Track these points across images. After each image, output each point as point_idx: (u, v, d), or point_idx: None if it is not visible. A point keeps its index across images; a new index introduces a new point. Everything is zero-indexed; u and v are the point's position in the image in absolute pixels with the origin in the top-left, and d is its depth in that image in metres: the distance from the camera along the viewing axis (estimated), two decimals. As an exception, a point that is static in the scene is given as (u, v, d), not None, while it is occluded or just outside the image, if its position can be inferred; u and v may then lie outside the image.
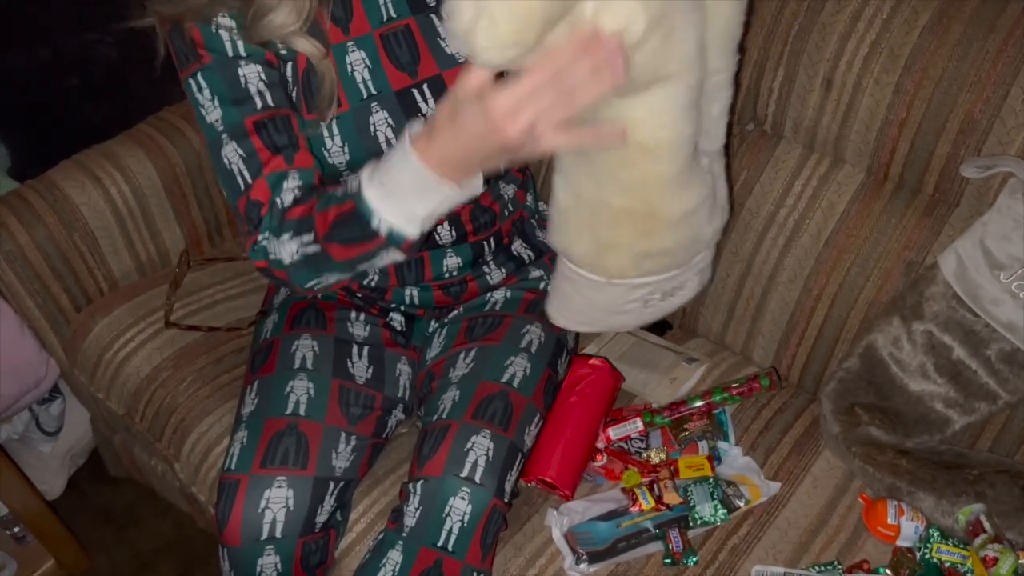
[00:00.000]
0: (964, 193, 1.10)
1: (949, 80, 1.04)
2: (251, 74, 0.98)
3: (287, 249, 0.94)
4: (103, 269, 1.41)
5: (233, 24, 0.96)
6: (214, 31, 0.96)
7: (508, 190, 1.21)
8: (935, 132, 1.07)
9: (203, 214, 1.49)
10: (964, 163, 1.05)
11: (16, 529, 1.54)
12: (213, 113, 0.97)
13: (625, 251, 0.99)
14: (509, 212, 1.21)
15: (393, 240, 0.88)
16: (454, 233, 1.16)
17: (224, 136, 0.97)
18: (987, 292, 1.01)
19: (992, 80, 1.02)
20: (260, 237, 0.96)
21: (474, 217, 1.17)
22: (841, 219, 1.18)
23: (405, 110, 1.05)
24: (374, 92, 1.04)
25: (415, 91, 1.05)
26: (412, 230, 0.88)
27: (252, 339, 1.24)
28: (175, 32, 0.97)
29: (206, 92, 0.97)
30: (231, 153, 0.97)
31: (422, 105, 1.05)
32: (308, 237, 0.92)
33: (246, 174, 0.96)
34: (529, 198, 1.28)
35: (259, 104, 0.97)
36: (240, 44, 0.97)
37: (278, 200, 0.95)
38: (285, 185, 0.96)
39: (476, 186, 0.87)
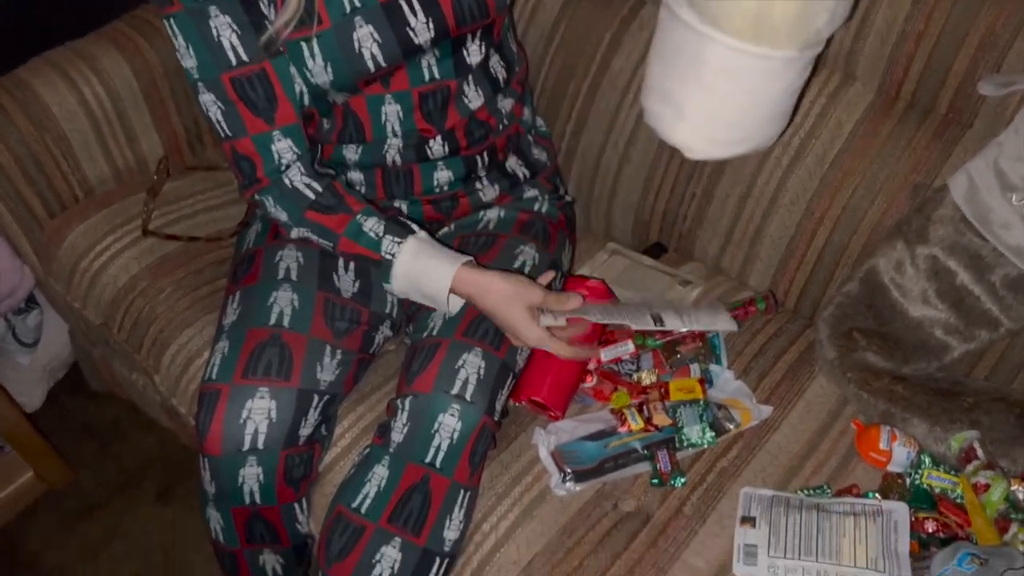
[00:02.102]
0: (979, 113, 1.06)
1: (971, -9, 0.99)
2: (222, 26, 0.95)
3: (299, 233, 1.05)
4: (78, 175, 1.35)
5: None
6: None
7: (505, 104, 1.16)
8: (954, 46, 1.02)
9: (183, 120, 1.43)
10: (982, 80, 1.01)
11: (-7, 440, 1.52)
12: (188, 60, 0.97)
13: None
14: (504, 127, 1.16)
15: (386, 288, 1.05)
16: (447, 147, 1.11)
17: (200, 85, 0.98)
18: (998, 215, 0.97)
19: (1016, -8, 0.97)
20: (259, 196, 1.04)
21: (469, 131, 1.12)
22: (848, 139, 1.14)
23: (392, 24, 0.98)
24: (358, 5, 0.97)
25: (403, 2, 0.98)
26: (398, 296, 1.08)
27: (234, 250, 1.20)
28: None
29: (180, 39, 0.96)
30: (210, 103, 0.98)
31: (410, 18, 0.99)
32: (327, 243, 1.04)
33: (225, 126, 0.99)
34: (527, 113, 1.23)
35: (233, 60, 0.96)
36: None
37: (285, 180, 1.02)
38: (273, 147, 1.00)
39: (456, 307, 1.03)
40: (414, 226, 1.04)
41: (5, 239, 1.40)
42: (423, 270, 1.00)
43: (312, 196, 1.02)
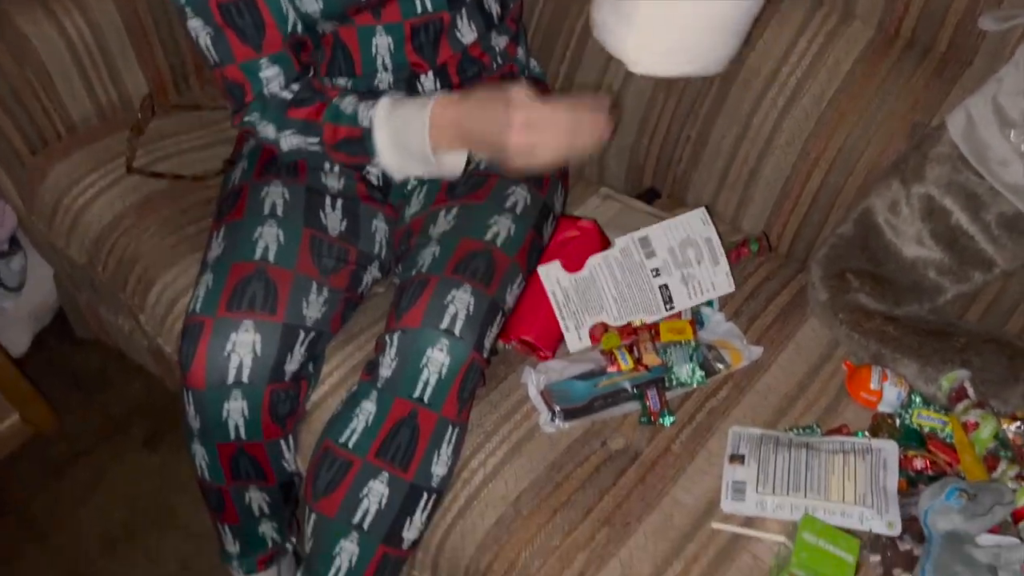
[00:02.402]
0: (979, 51, 1.04)
1: (975, -78, 0.97)
2: None
3: (288, 141, 1.02)
4: (60, 111, 1.32)
5: None
6: None
7: (500, 41, 1.13)
8: (955, -21, 1.00)
9: (168, 59, 1.40)
10: (983, 14, 0.99)
11: (-22, 384, 1.50)
12: None
13: None
14: (498, 65, 1.14)
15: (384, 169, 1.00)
16: (438, 84, 1.09)
17: (188, 9, 0.96)
18: (995, 152, 0.96)
19: (1021, -77, 0.95)
20: (247, 117, 1.02)
21: (462, 68, 1.09)
22: (846, 79, 1.12)
23: None
24: None
25: None
26: (399, 177, 1.03)
27: (220, 188, 1.18)
28: None
29: None
30: (198, 28, 0.97)
31: None
32: (314, 140, 1.00)
33: (214, 52, 0.98)
34: (520, 52, 1.20)
35: None
36: None
37: (266, 92, 1.00)
38: (262, 74, 0.98)
39: (458, 166, 0.98)
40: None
41: (-15, 176, 1.37)
42: (402, 120, 0.96)
43: (290, 96, 1.01)
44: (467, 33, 1.08)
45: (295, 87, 1.01)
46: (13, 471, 1.53)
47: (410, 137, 0.95)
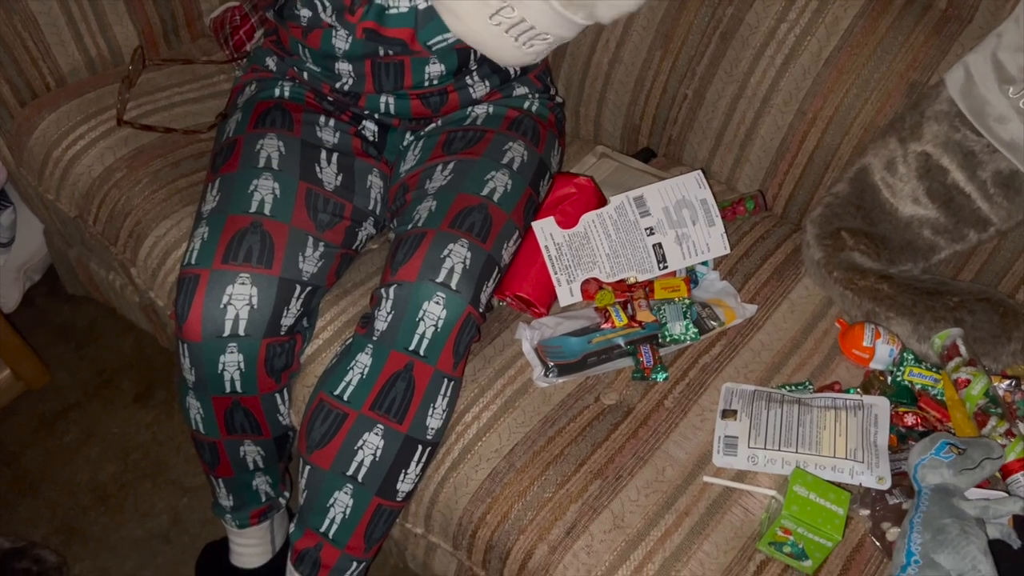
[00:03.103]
0: (979, 8, 1.03)
1: None
2: None
3: None
4: (48, 62, 1.30)
5: None
6: None
7: (520, 91, 1.14)
8: (959, -65, 0.99)
9: (159, 11, 1.37)
10: (986, -29, 0.98)
11: (-31, 339, 1.49)
12: None
13: None
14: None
15: None
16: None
17: None
18: (993, 109, 0.96)
19: None
20: None
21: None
22: (845, 36, 1.11)
23: None
24: None
25: None
26: None
27: (214, 140, 1.16)
28: None
29: None
30: None
31: None
32: None
33: None
34: (536, 104, 1.20)
35: None
36: None
37: None
38: None
39: None
40: None
41: (-27, 128, 1.35)
42: None
43: None
44: (480, 89, 1.11)
45: None
46: (4, 425, 1.52)
47: None
